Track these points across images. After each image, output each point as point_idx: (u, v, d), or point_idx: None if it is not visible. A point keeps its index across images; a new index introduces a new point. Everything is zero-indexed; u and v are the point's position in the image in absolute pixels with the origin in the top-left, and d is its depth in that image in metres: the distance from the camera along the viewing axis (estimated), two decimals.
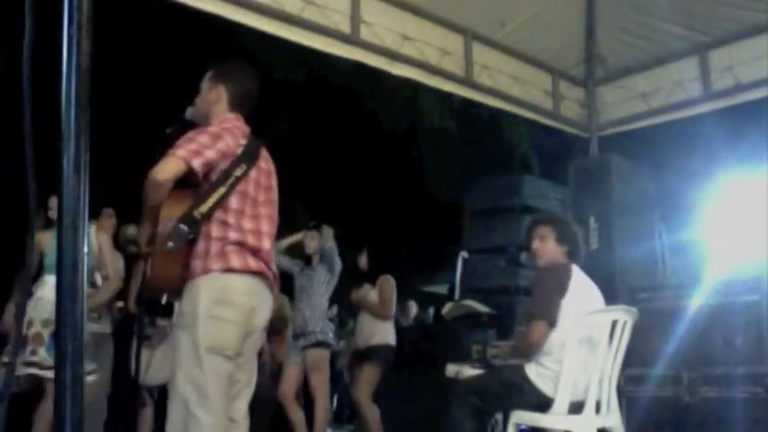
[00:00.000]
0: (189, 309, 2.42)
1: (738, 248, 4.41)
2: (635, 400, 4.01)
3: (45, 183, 1.40)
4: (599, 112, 6.25)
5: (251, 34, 4.55)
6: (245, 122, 2.67)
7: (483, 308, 5.12)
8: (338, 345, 7.48)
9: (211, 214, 2.43)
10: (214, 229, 2.45)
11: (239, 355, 2.48)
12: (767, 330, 3.65)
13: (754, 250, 4.17)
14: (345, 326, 8.70)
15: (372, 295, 5.34)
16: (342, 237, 5.37)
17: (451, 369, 3.62)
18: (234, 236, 2.45)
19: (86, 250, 1.30)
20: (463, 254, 5.41)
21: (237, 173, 2.47)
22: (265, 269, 2.54)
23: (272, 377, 5.70)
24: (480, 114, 10.18)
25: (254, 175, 2.55)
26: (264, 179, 2.62)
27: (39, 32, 1.33)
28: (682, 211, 5.61)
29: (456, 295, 5.29)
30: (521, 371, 3.11)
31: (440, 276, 11.33)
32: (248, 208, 2.52)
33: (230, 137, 2.51)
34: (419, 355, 6.17)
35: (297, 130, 11.79)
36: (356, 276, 5.54)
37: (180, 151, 2.39)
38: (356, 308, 5.65)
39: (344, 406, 9.08)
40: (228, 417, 2.47)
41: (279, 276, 2.73)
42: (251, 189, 2.54)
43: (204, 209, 2.40)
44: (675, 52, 5.71)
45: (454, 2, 5.19)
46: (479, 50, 5.50)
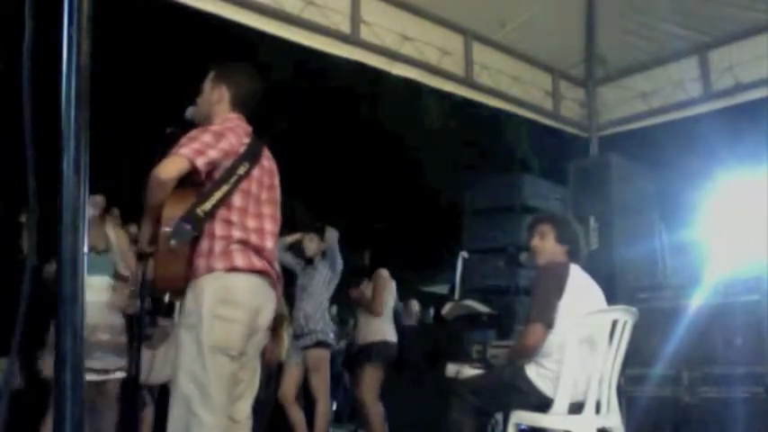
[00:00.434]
0: (193, 308, 2.41)
1: (738, 248, 4.41)
2: (635, 400, 4.01)
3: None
4: (599, 112, 6.25)
5: (251, 34, 4.55)
6: (246, 122, 2.67)
7: (483, 308, 5.12)
8: (338, 344, 7.47)
9: (214, 212, 2.43)
10: (218, 228, 2.44)
11: (243, 354, 2.47)
12: (767, 330, 3.65)
13: (754, 250, 4.17)
14: (346, 325, 8.70)
15: (369, 292, 5.33)
16: (342, 237, 5.36)
17: (451, 369, 3.62)
18: (237, 234, 2.45)
19: (86, 250, 1.30)
20: (463, 254, 5.41)
21: (240, 171, 2.48)
22: (269, 268, 2.53)
23: (271, 377, 5.70)
24: (480, 114, 10.16)
25: (256, 173, 2.55)
26: (267, 178, 2.63)
27: (39, 32, 1.33)
28: (682, 211, 5.61)
29: (456, 295, 5.29)
30: (521, 371, 3.10)
31: (440, 276, 11.33)
32: (251, 206, 2.52)
33: (233, 136, 2.51)
34: (420, 355, 6.17)
35: (297, 130, 11.79)
36: (357, 275, 5.53)
37: (184, 150, 2.39)
38: (355, 307, 5.65)
39: (344, 406, 9.09)
40: (231, 417, 2.46)
41: (281, 275, 2.72)
42: (254, 187, 2.54)
43: (207, 207, 2.40)
44: (675, 52, 5.72)
45: (454, 2, 5.19)
46: (479, 50, 5.50)
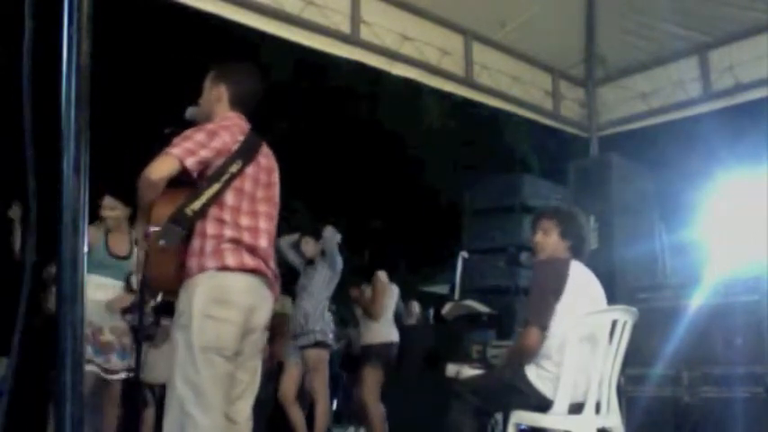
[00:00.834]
0: (185, 308, 2.40)
1: (738, 248, 4.41)
2: (635, 400, 4.01)
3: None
4: (599, 112, 6.25)
5: (251, 34, 4.55)
6: (246, 120, 2.67)
7: (483, 308, 5.12)
8: (338, 345, 7.47)
9: (205, 211, 2.41)
10: (209, 227, 2.43)
11: (239, 354, 2.46)
12: (767, 330, 3.65)
13: (754, 250, 4.17)
14: (347, 325, 8.68)
15: (368, 293, 5.33)
16: (342, 236, 5.37)
17: (451, 369, 3.62)
18: (229, 233, 2.44)
19: (86, 250, 1.30)
20: (463, 254, 5.42)
21: (233, 169, 2.46)
22: (263, 267, 2.51)
23: (271, 377, 5.70)
24: (480, 114, 10.16)
25: (251, 171, 2.53)
26: (264, 176, 2.61)
27: (39, 32, 1.33)
28: (682, 211, 5.61)
29: (456, 295, 5.30)
30: (521, 372, 3.09)
31: (440, 276, 11.32)
32: (245, 205, 2.50)
33: (227, 134, 2.50)
34: (420, 355, 6.17)
35: (297, 130, 11.79)
36: (358, 275, 5.54)
37: (175, 150, 2.38)
38: (355, 307, 5.65)
39: (344, 406, 9.07)
40: (230, 418, 2.45)
41: (282, 274, 2.72)
42: (248, 186, 2.52)
43: (196, 206, 2.39)
44: (675, 52, 5.71)
45: (454, 2, 5.19)
46: (479, 50, 5.50)
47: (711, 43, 5.53)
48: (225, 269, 2.40)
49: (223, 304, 2.39)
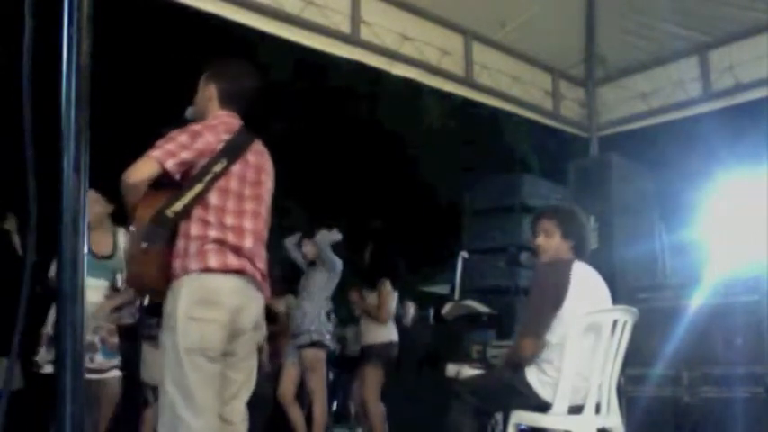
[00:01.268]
0: (170, 310, 2.40)
1: (738, 248, 4.41)
2: (635, 400, 4.01)
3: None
4: (599, 112, 6.24)
5: (251, 34, 4.55)
6: (239, 118, 2.65)
7: (483, 308, 5.13)
8: (335, 345, 7.47)
9: (186, 213, 2.40)
10: (193, 228, 2.42)
11: (229, 354, 2.45)
12: (767, 330, 3.65)
13: (754, 250, 4.16)
14: (346, 325, 8.68)
15: (371, 298, 5.35)
16: (342, 237, 5.38)
17: (451, 369, 3.62)
18: (213, 234, 2.42)
19: (86, 250, 1.29)
20: (463, 254, 5.42)
21: (216, 169, 2.44)
22: (248, 267, 2.48)
23: (271, 377, 5.70)
24: (480, 114, 10.16)
25: (237, 170, 2.51)
26: (252, 174, 2.58)
27: (39, 32, 1.32)
28: (682, 211, 5.61)
29: (456, 295, 5.30)
30: (521, 374, 3.08)
31: (440, 276, 11.32)
32: (231, 204, 2.48)
33: (211, 134, 2.49)
34: (420, 355, 6.18)
35: (296, 130, 11.79)
36: (358, 275, 5.55)
37: (155, 152, 2.38)
38: (355, 309, 5.65)
39: (341, 405, 9.07)
40: (225, 419, 2.45)
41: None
42: (233, 185, 2.49)
43: (177, 207, 2.38)
44: (675, 52, 5.71)
45: (454, 2, 5.18)
46: (479, 50, 5.49)
47: (711, 43, 5.53)
48: (208, 270, 2.38)
49: (207, 305, 2.38)
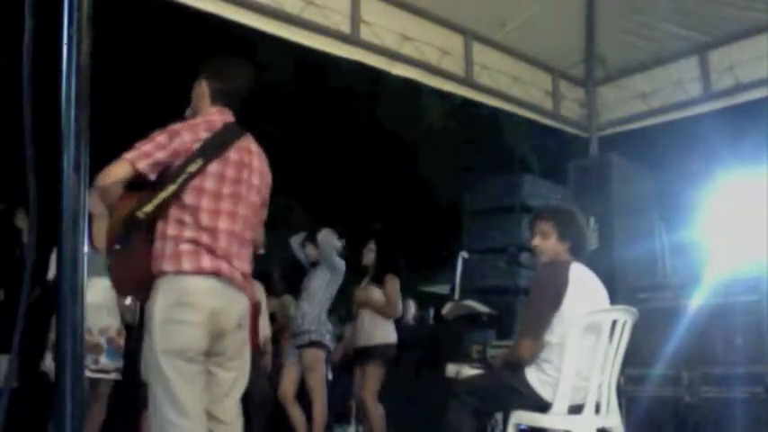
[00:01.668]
0: (148, 312, 2.41)
1: (738, 248, 4.41)
2: (635, 400, 4.01)
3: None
4: (599, 112, 6.24)
5: (251, 34, 4.54)
6: (230, 115, 2.63)
7: (483, 308, 5.13)
8: (334, 345, 7.46)
9: (164, 212, 2.40)
10: (170, 228, 2.41)
11: (217, 354, 2.46)
12: (767, 330, 3.65)
13: (754, 250, 4.17)
14: (345, 323, 8.67)
15: (377, 294, 5.34)
16: (342, 237, 5.38)
17: (451, 369, 3.61)
18: (188, 234, 2.40)
19: (86, 250, 1.30)
20: (463, 254, 5.42)
21: (191, 169, 2.41)
22: (224, 268, 2.44)
23: (272, 377, 5.70)
24: (480, 114, 10.17)
25: (215, 168, 2.47)
26: (233, 171, 2.52)
27: (39, 32, 1.33)
28: (682, 211, 5.61)
29: (456, 295, 5.30)
30: (521, 374, 3.09)
31: (440, 276, 11.32)
32: (206, 203, 2.44)
33: (189, 133, 2.46)
34: (419, 355, 6.17)
35: (296, 130, 11.79)
36: (359, 272, 5.55)
37: (130, 153, 2.38)
38: (356, 308, 5.65)
39: (342, 405, 9.06)
40: (217, 418, 2.46)
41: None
42: (209, 184, 2.45)
43: (148, 208, 2.37)
44: (675, 52, 5.71)
45: (454, 2, 5.18)
46: (479, 50, 5.49)
47: (711, 43, 5.53)
48: (181, 273, 2.38)
49: (182, 307, 2.37)
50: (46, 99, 1.49)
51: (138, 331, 3.96)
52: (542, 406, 3.01)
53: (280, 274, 6.85)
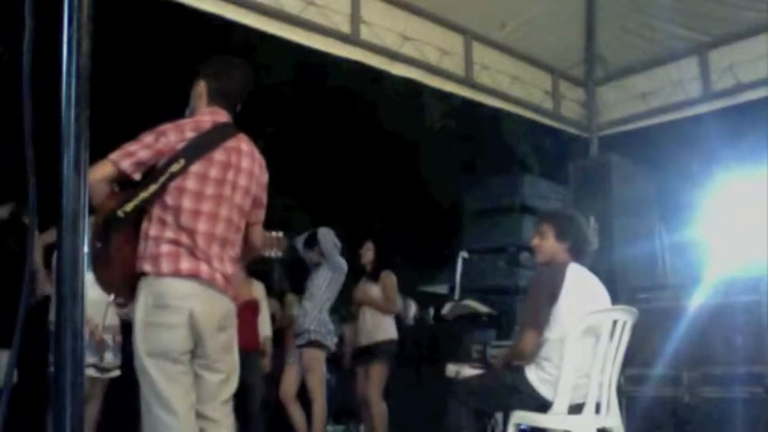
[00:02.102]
0: (132, 314, 2.43)
1: (738, 248, 4.41)
2: (635, 400, 4.01)
3: None
4: (599, 112, 6.25)
5: (251, 34, 4.54)
6: (226, 115, 2.62)
7: (483, 308, 5.13)
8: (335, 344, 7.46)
9: (145, 212, 2.41)
10: (152, 229, 2.41)
11: (200, 357, 2.45)
12: (767, 330, 3.65)
13: (754, 250, 4.17)
14: (345, 322, 8.66)
15: (375, 291, 5.36)
16: (342, 237, 5.38)
17: (451, 369, 3.62)
18: (169, 235, 2.40)
19: (86, 250, 1.29)
20: (463, 254, 5.42)
21: (173, 169, 2.40)
22: (203, 270, 2.42)
23: (272, 377, 5.70)
24: (480, 114, 10.16)
25: (198, 168, 2.44)
26: (217, 172, 2.49)
27: (39, 32, 1.32)
28: (682, 211, 5.61)
29: (456, 295, 5.30)
30: (521, 374, 3.09)
31: (440, 276, 11.32)
32: (187, 203, 2.42)
33: (174, 133, 2.46)
34: (420, 355, 6.17)
35: (296, 130, 11.79)
36: (358, 272, 5.56)
37: (114, 154, 2.39)
38: (357, 307, 5.65)
39: (339, 404, 9.05)
40: (207, 417, 2.47)
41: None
42: (191, 184, 2.43)
43: (128, 207, 2.37)
44: (675, 52, 5.71)
45: (454, 2, 5.18)
46: (479, 50, 5.49)
47: (711, 43, 5.53)
48: (160, 275, 2.38)
49: (161, 310, 2.37)
50: (46, 99, 1.49)
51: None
52: (542, 405, 3.01)
53: (282, 273, 6.86)
